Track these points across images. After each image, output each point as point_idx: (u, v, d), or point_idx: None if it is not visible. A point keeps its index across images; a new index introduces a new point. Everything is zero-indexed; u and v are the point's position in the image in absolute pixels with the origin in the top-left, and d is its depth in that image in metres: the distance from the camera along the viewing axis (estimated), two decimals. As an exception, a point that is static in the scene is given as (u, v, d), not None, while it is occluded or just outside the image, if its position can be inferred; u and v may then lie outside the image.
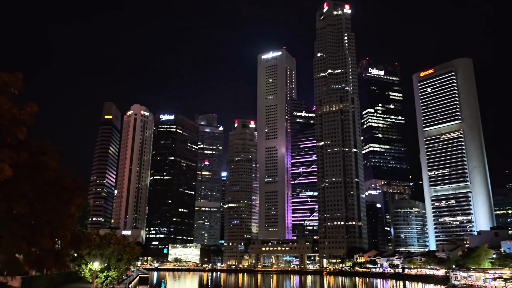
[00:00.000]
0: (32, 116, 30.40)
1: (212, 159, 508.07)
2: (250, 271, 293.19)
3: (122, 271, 57.76)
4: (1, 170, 24.95)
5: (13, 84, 29.96)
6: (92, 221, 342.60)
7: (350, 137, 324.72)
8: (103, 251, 50.75)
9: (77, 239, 37.37)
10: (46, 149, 32.23)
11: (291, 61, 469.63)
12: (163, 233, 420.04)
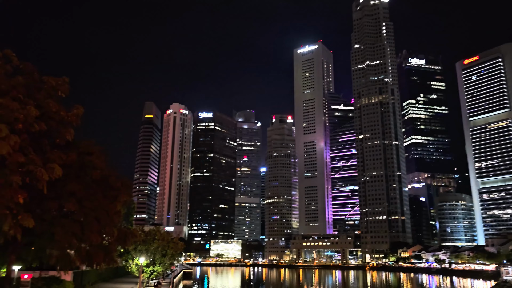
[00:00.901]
0: (79, 118, 31.80)
1: (250, 155, 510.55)
2: (292, 266, 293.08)
3: (167, 266, 59.33)
4: (52, 170, 26.26)
5: (60, 88, 31.45)
6: (137, 218, 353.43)
7: (391, 129, 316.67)
8: (148, 246, 52.30)
9: (123, 235, 38.82)
10: (93, 149, 33.62)
11: (327, 54, 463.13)
12: (204, 229, 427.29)
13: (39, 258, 33.71)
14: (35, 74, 30.82)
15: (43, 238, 30.37)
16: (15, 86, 26.39)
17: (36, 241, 30.79)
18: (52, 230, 29.95)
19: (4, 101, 24.18)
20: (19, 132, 24.94)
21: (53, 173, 26.30)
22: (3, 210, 22.84)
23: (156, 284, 54.09)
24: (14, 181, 23.24)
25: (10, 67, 28.12)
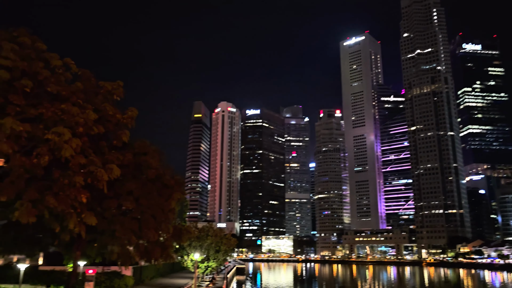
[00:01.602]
0: (133, 120, 33.16)
1: (299, 150, 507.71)
2: (344, 262, 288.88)
3: (221, 262, 60.52)
4: (111, 170, 27.60)
5: (115, 92, 32.93)
6: (189, 215, 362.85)
7: (445, 119, 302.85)
8: (202, 243, 53.61)
9: (178, 232, 40.06)
10: (147, 149, 34.93)
11: (375, 45, 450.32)
12: (256, 225, 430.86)
13: (101, 254, 35.55)
14: (92, 80, 32.47)
15: (104, 235, 32.00)
16: (75, 92, 27.93)
17: (98, 238, 32.51)
18: (113, 227, 31.49)
19: (66, 106, 25.65)
20: (80, 135, 26.40)
21: (112, 174, 27.64)
22: (69, 209, 24.28)
23: (211, 279, 55.38)
24: (77, 181, 24.65)
25: (70, 74, 29.79)
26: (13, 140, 23.01)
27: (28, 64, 25.75)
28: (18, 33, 27.50)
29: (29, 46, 27.27)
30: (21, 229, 27.93)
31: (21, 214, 22.44)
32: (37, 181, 24.68)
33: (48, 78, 26.64)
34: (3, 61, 24.61)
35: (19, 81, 24.93)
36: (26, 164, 23.37)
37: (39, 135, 24.12)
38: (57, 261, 47.91)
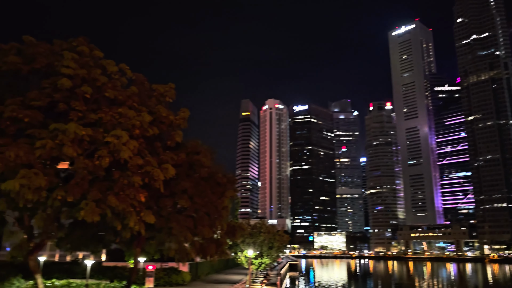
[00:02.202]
0: (185, 120, 34.10)
1: (349, 145, 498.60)
2: (400, 258, 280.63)
3: (274, 258, 60.87)
4: (166, 170, 28.58)
5: (168, 94, 34.03)
6: (241, 212, 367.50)
7: (506, 107, 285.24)
8: (255, 239, 54.18)
9: (232, 229, 40.74)
10: (199, 149, 35.79)
11: (426, 32, 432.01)
12: (307, 221, 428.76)
13: (160, 250, 36.91)
14: (146, 83, 33.74)
15: (162, 233, 33.20)
16: (130, 96, 29.14)
17: (156, 235, 33.77)
18: (169, 225, 32.59)
19: (123, 110, 26.86)
20: (136, 137, 27.55)
21: (168, 173, 28.62)
22: (129, 208, 25.42)
23: (265, 276, 55.88)
24: (136, 181, 25.76)
25: (125, 79, 31.16)
26: (76, 144, 24.41)
27: (87, 72, 27.18)
28: (77, 43, 29.12)
29: (87, 54, 28.79)
30: (86, 227, 29.59)
31: (86, 213, 23.80)
32: (99, 182, 26.04)
33: (105, 84, 28.00)
34: (65, 70, 26.16)
35: (80, 88, 26.39)
36: (89, 166, 24.73)
37: (100, 138, 25.43)
38: (119, 258, 50.38)
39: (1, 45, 27.70)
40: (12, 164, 22.53)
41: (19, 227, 28.45)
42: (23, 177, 22.22)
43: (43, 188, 23.17)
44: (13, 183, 21.86)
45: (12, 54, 27.13)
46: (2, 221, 27.63)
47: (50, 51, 28.21)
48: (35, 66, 26.94)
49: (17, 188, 21.89)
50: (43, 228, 25.59)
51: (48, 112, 26.33)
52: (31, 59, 27.25)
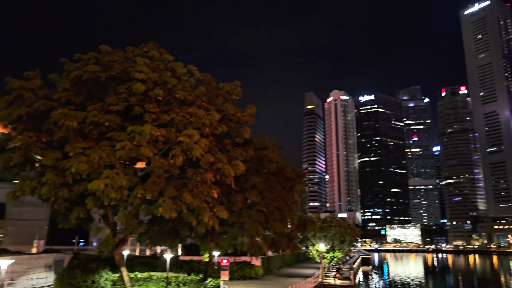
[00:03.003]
0: (252, 117, 34.57)
1: (420, 134, 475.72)
2: (482, 252, 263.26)
3: (346, 252, 59.97)
4: (237, 166, 29.22)
5: (234, 91, 34.71)
6: (309, 206, 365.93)
7: None
8: (326, 233, 53.73)
9: (303, 223, 40.74)
10: (267, 144, 36.14)
11: (503, 8, 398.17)
12: (378, 214, 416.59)
13: (233, 245, 37.84)
14: (213, 83, 34.67)
15: (235, 227, 34.02)
16: (199, 95, 30.13)
17: (229, 230, 34.66)
18: (241, 220, 33.33)
19: (193, 110, 27.87)
20: (206, 135, 28.47)
21: (238, 169, 29.26)
22: (203, 204, 26.37)
23: (337, 270, 55.20)
24: (208, 178, 26.67)
25: (193, 79, 32.26)
26: (152, 144, 25.79)
27: (159, 75, 28.53)
28: (148, 48, 30.62)
29: (158, 58, 30.19)
30: (163, 223, 31.12)
31: (164, 210, 25.06)
32: (175, 180, 27.29)
33: (176, 86, 29.21)
34: (138, 74, 27.68)
35: (152, 91, 27.79)
36: (164, 165, 26.03)
37: (173, 138, 26.64)
38: (194, 252, 52.38)
39: (81, 55, 29.88)
40: (97, 166, 24.30)
41: (105, 224, 30.63)
42: (107, 177, 23.89)
43: (124, 187, 24.76)
44: (98, 183, 23.57)
45: (91, 63, 29.18)
46: (89, 218, 29.87)
47: (124, 58, 29.95)
48: (112, 73, 28.75)
49: (102, 188, 23.58)
50: (125, 224, 27.29)
51: (125, 115, 28.05)
52: (108, 67, 29.13)
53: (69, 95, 27.97)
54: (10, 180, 58.34)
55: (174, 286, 32.92)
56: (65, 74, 29.39)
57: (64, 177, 24.66)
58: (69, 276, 28.18)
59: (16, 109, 26.79)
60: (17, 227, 71.77)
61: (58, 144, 26.98)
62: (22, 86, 27.40)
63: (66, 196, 25.29)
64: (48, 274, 39.91)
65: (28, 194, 26.04)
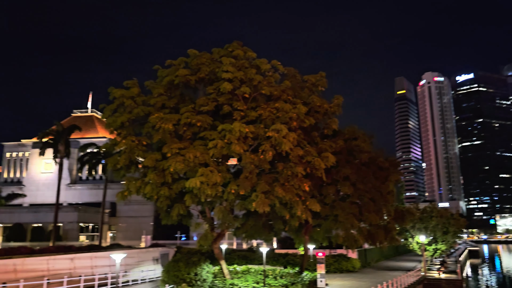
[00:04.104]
0: (340, 107, 33.81)
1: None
2: None
3: (450, 244, 56.02)
4: (327, 159, 28.81)
5: (319, 83, 34.24)
6: (406, 196, 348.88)
7: None
8: (427, 224, 50.70)
9: (400, 214, 38.96)
10: (357, 134, 35.10)
11: None
12: (485, 203, 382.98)
13: (327, 238, 37.49)
14: (297, 76, 34.54)
15: (328, 220, 33.63)
16: (284, 90, 30.20)
17: (323, 223, 34.36)
18: (335, 212, 32.83)
19: (279, 105, 28.05)
20: (294, 129, 28.50)
21: (328, 161, 28.85)
22: (294, 198, 26.45)
23: (442, 263, 51.80)
24: (299, 172, 26.67)
25: (278, 74, 32.43)
26: (242, 141, 26.49)
27: (244, 73, 29.15)
28: (232, 47, 31.44)
29: (242, 57, 30.86)
30: (257, 217, 31.84)
31: (257, 204, 25.61)
32: (266, 175, 27.74)
33: (261, 82, 29.61)
34: (225, 74, 28.55)
35: (239, 89, 28.49)
36: (255, 161, 26.58)
37: (261, 133, 27.08)
38: (289, 245, 52.94)
39: (172, 61, 31.63)
40: (192, 164, 25.60)
41: (203, 219, 32.21)
42: (202, 175, 25.06)
43: (219, 183, 25.79)
44: (195, 181, 24.82)
45: (181, 67, 30.76)
46: (189, 214, 31.63)
47: (211, 60, 31.10)
48: (200, 75, 30.04)
49: (198, 185, 24.79)
50: (222, 219, 28.44)
51: (215, 115, 29.18)
52: (196, 70, 30.50)
53: (164, 99, 29.79)
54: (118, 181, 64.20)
55: (271, 279, 33.51)
56: (159, 80, 31.38)
57: (164, 176, 26.36)
58: (174, 268, 30.10)
59: (119, 116, 29.22)
60: (126, 223, 78.76)
61: (157, 146, 28.98)
62: (123, 95, 29.81)
63: (167, 194, 27.01)
64: (155, 266, 43.17)
65: (134, 194, 28.31)
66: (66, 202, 78.40)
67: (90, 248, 38.35)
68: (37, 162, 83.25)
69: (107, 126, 30.25)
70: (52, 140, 53.17)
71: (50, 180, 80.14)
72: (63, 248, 33.85)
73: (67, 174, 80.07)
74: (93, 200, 78.18)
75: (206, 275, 30.24)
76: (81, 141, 72.94)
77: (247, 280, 32.12)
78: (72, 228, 70.20)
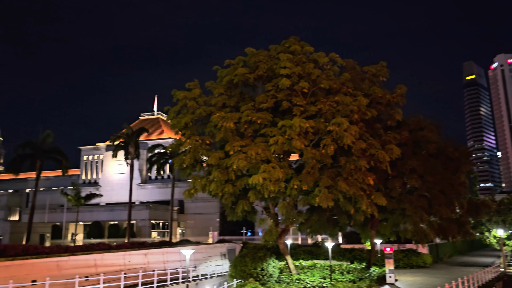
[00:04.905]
0: (403, 97, 32.65)
1: None
2: None
3: (534, 238, 51.95)
4: (391, 151, 27.97)
5: (380, 73, 33.26)
6: (481, 188, 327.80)
7: None
8: (505, 217, 47.38)
9: (474, 206, 36.84)
10: (423, 124, 33.70)
11: None
12: None
13: (395, 232, 36.36)
14: (357, 67, 33.79)
15: (395, 214, 32.64)
16: (344, 82, 29.70)
17: (390, 217, 33.39)
18: (402, 206, 31.78)
19: (339, 98, 27.65)
20: (355, 122, 27.95)
21: (393, 154, 27.98)
22: (359, 192, 25.98)
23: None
24: (362, 165, 26.16)
25: (336, 67, 31.94)
26: (302, 136, 26.44)
27: (302, 68, 29.05)
28: (289, 43, 31.43)
29: (300, 52, 30.72)
30: (321, 212, 31.66)
31: (320, 199, 25.47)
32: (328, 169, 27.51)
33: (319, 76, 29.34)
34: (283, 70, 28.62)
35: (298, 84, 28.44)
36: (316, 156, 26.43)
37: (322, 128, 26.85)
38: (355, 240, 51.96)
39: (231, 61, 32.26)
40: (254, 161, 26.00)
41: (267, 215, 32.59)
42: (264, 172, 25.36)
43: (281, 179, 25.96)
44: (257, 177, 25.19)
45: (240, 66, 31.28)
46: (253, 210, 32.14)
47: (268, 57, 31.30)
48: (259, 73, 30.37)
49: (261, 181, 25.13)
50: (285, 214, 28.59)
51: (274, 111, 29.38)
52: (254, 68, 30.87)
53: (224, 98, 30.51)
54: (185, 180, 66.65)
55: (338, 274, 33.16)
56: (219, 80, 32.17)
57: (228, 174, 27.02)
58: (241, 263, 30.75)
59: (182, 117, 30.37)
60: (194, 220, 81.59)
61: (220, 144, 29.78)
62: (186, 96, 30.92)
63: (231, 191, 27.66)
64: (223, 261, 44.36)
65: (200, 191, 29.30)
66: (138, 201, 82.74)
67: (162, 244, 40.23)
68: (111, 163, 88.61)
69: (172, 127, 31.56)
70: (123, 143, 56.30)
71: (123, 180, 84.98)
72: (137, 244, 35.87)
73: (137, 174, 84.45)
74: (162, 198, 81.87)
75: (272, 270, 30.58)
76: (149, 143, 76.60)
77: (313, 275, 32.06)
78: (144, 225, 74.04)
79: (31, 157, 50.22)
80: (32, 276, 22.68)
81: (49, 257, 24.65)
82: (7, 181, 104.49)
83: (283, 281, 29.74)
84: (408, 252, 45.38)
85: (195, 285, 33.32)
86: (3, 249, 22.60)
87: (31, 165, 50.85)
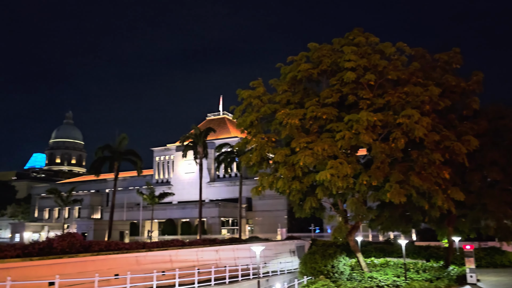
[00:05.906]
0: (480, 84, 30.49)
1: None
2: None
3: None
4: (468, 142, 26.23)
5: (453, 60, 31.34)
6: None
7: None
8: None
9: None
10: (504, 113, 31.29)
11: None
12: None
13: (475, 229, 34.15)
14: (427, 55, 32.08)
15: (475, 210, 30.63)
16: (413, 72, 28.32)
17: (468, 213, 31.39)
18: (482, 201, 29.75)
19: (408, 89, 26.38)
20: (427, 113, 26.51)
21: (470, 145, 26.24)
22: (433, 186, 24.66)
23: None
24: (436, 158, 24.74)
25: (404, 57, 30.53)
26: (370, 130, 25.54)
27: (367, 60, 28.09)
28: (353, 35, 30.55)
29: (364, 43, 29.75)
30: (393, 208, 30.47)
31: (392, 195, 24.51)
32: (399, 164, 26.37)
33: (386, 67, 28.17)
34: (347, 63, 27.87)
35: (363, 77, 27.56)
36: (385, 150, 25.42)
37: (391, 121, 25.76)
38: (430, 237, 49.53)
39: (293, 57, 32.03)
40: (321, 157, 25.64)
41: (336, 212, 32.04)
42: (332, 168, 24.91)
43: (349, 175, 25.34)
44: (325, 173, 24.82)
45: (303, 62, 30.99)
46: (321, 207, 31.74)
47: (332, 51, 30.65)
48: (322, 68, 29.82)
49: (329, 178, 24.73)
50: (355, 211, 27.90)
51: (340, 106, 28.70)
52: (318, 63, 30.37)
53: (288, 95, 30.38)
54: (252, 177, 67.48)
55: (413, 273, 31.75)
56: (282, 77, 32.10)
57: (294, 170, 26.89)
58: (311, 261, 30.51)
59: (248, 116, 30.72)
60: (262, 217, 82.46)
61: (285, 141, 29.73)
62: (250, 95, 31.23)
63: (298, 188, 27.52)
64: (292, 258, 44.39)
65: (267, 188, 29.49)
66: (208, 199, 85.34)
67: (232, 241, 41.14)
68: (181, 163, 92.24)
69: (237, 126, 32.06)
70: (192, 143, 58.32)
71: (192, 179, 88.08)
72: (208, 241, 36.98)
73: (206, 173, 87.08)
74: (230, 196, 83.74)
75: (343, 267, 30.03)
76: (216, 142, 78.64)
77: (386, 273, 31.00)
78: (214, 223, 76.19)
79: (110, 159, 53.73)
80: (114, 270, 24.25)
81: (129, 253, 26.21)
82: (89, 182, 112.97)
83: (355, 279, 29.06)
84: (490, 251, 42.35)
85: (266, 281, 33.64)
86: (89, 245, 24.34)
87: (109, 167, 54.44)
